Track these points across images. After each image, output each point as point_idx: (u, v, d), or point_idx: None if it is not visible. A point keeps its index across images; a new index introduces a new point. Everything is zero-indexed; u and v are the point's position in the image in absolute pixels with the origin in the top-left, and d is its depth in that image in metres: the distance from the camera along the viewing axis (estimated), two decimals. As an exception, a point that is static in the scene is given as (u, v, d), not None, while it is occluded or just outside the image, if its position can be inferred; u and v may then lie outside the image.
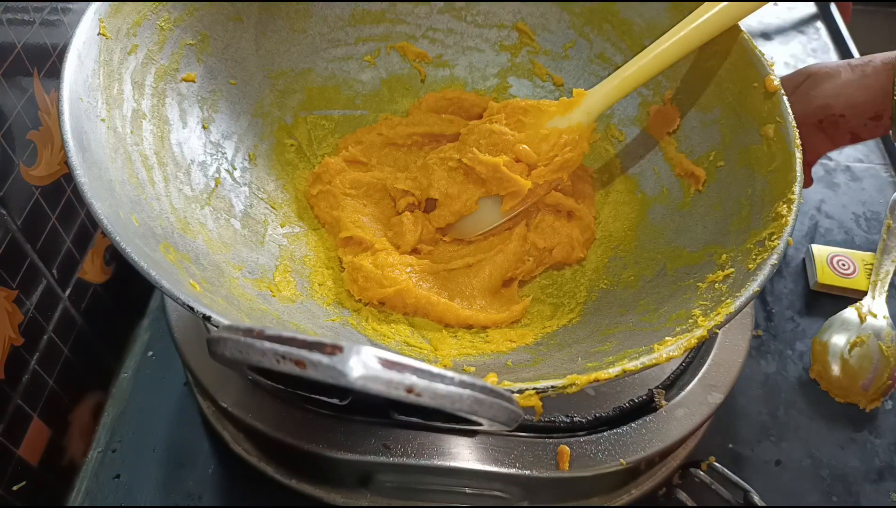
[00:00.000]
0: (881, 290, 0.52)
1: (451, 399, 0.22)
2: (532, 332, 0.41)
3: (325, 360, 0.21)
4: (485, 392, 0.23)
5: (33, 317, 0.43)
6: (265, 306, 0.37)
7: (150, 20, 0.40)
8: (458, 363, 0.37)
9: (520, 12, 0.51)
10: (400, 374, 0.21)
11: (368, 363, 0.21)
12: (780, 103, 0.38)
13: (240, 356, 0.22)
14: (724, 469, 0.42)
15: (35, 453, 0.44)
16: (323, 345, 0.21)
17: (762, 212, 0.36)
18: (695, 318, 0.32)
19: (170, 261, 0.33)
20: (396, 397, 0.21)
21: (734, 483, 0.41)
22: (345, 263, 0.43)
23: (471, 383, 0.23)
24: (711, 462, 0.42)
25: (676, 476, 0.42)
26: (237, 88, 0.46)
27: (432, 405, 0.22)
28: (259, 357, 0.22)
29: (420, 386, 0.22)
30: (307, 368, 0.21)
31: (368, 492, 0.40)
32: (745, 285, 0.32)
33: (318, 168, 0.47)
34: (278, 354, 0.22)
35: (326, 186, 0.46)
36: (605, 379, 0.28)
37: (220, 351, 0.23)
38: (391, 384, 0.21)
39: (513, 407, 0.25)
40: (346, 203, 0.46)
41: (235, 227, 0.42)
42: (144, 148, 0.38)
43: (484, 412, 0.23)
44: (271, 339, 0.22)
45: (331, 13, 0.49)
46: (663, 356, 0.29)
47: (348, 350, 0.21)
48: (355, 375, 0.21)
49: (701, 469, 0.42)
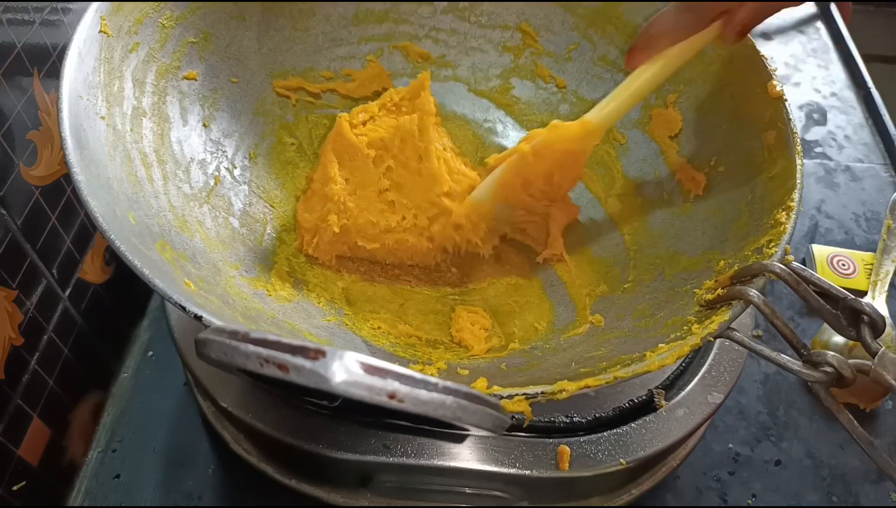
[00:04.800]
0: (881, 290, 0.52)
1: (433, 406, 0.22)
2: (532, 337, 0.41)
3: (307, 364, 0.21)
4: (469, 399, 0.23)
5: (33, 317, 0.43)
6: (261, 306, 0.37)
7: (152, 18, 0.40)
8: (452, 366, 0.37)
9: (523, 13, 0.51)
10: (382, 380, 0.21)
11: (351, 369, 0.21)
12: (781, 109, 0.38)
13: (225, 358, 0.22)
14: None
15: (35, 453, 0.44)
16: (306, 349, 0.21)
17: (761, 218, 0.36)
18: (689, 325, 0.32)
19: (165, 259, 0.33)
20: (379, 402, 0.21)
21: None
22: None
23: (455, 389, 0.23)
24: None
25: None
26: (239, 87, 0.46)
27: (415, 411, 0.22)
28: (243, 360, 0.22)
29: (402, 392, 0.21)
30: (290, 372, 0.21)
31: (368, 492, 0.40)
32: None
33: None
34: (262, 357, 0.22)
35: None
36: (596, 386, 0.28)
37: (206, 353, 0.23)
38: (373, 390, 0.21)
39: (498, 414, 0.24)
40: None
41: (234, 225, 0.42)
42: (144, 146, 0.38)
43: (468, 419, 0.23)
44: (255, 342, 0.22)
45: (334, 12, 0.49)
46: (655, 364, 0.29)
47: (331, 355, 0.21)
48: (337, 380, 0.21)
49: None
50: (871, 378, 0.27)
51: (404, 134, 0.42)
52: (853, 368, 0.27)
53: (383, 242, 0.43)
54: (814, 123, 0.70)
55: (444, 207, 0.42)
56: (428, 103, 0.43)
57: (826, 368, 0.28)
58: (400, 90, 0.45)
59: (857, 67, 0.74)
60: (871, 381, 0.27)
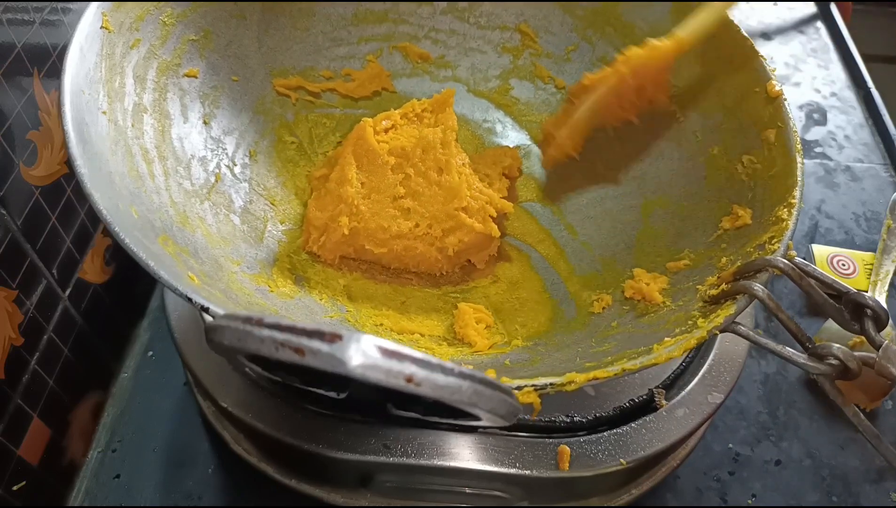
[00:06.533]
0: (881, 290, 0.52)
1: (450, 390, 0.22)
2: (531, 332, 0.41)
3: (324, 348, 0.21)
4: (485, 384, 0.23)
5: (33, 317, 0.43)
6: (263, 301, 0.37)
7: (153, 15, 0.40)
8: (455, 362, 0.37)
9: (523, 14, 0.51)
10: (400, 363, 0.21)
11: (368, 352, 0.21)
12: (781, 108, 0.38)
13: (238, 343, 0.22)
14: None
15: (35, 453, 0.43)
16: (322, 333, 0.21)
17: (762, 216, 0.36)
18: (694, 320, 0.32)
19: (168, 254, 0.33)
20: (395, 386, 0.21)
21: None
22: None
23: (470, 374, 0.23)
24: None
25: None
26: (239, 85, 0.46)
27: (432, 395, 0.22)
28: (258, 345, 0.22)
29: (420, 376, 0.21)
30: (306, 355, 0.21)
31: (368, 492, 0.40)
32: None
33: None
34: (277, 341, 0.21)
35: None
36: (604, 377, 0.28)
37: (218, 339, 0.23)
38: (391, 374, 0.21)
39: (512, 401, 0.24)
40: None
41: (235, 222, 0.42)
42: (145, 142, 0.38)
43: (483, 405, 0.23)
44: (270, 327, 0.22)
45: (334, 12, 0.49)
46: (662, 356, 0.29)
47: (348, 338, 0.21)
48: (354, 363, 0.20)
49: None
50: (876, 370, 0.27)
51: (426, 145, 0.43)
52: (858, 360, 0.27)
53: (391, 247, 0.43)
54: (814, 123, 0.70)
55: (461, 221, 0.42)
56: (451, 119, 0.44)
57: (831, 360, 0.28)
58: (423, 101, 0.46)
59: (857, 67, 0.74)
60: (875, 373, 0.27)
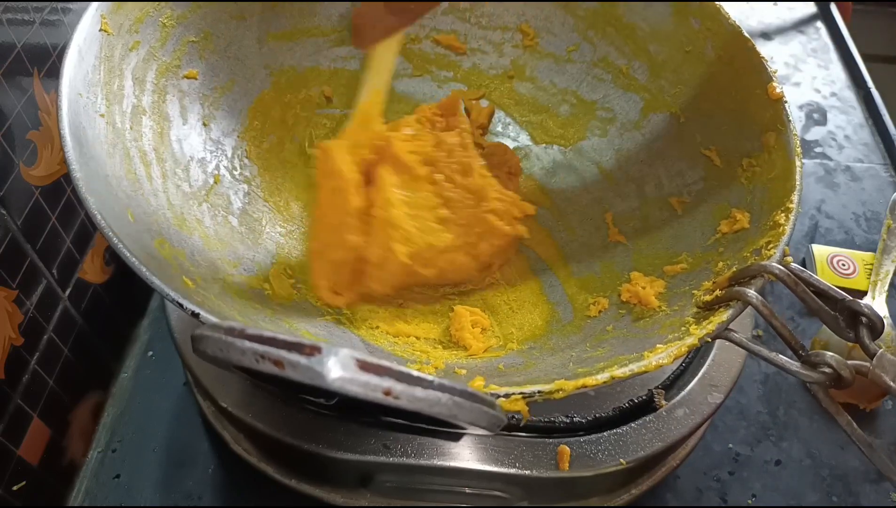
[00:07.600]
0: (881, 290, 0.52)
1: (429, 403, 0.22)
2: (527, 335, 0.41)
3: (303, 361, 0.21)
4: (464, 397, 0.23)
5: (33, 317, 0.43)
6: (259, 304, 0.37)
7: (153, 17, 0.40)
8: (449, 366, 0.37)
9: (524, 14, 0.51)
10: (378, 377, 0.21)
11: (346, 365, 0.21)
12: (781, 111, 0.38)
13: (221, 354, 0.22)
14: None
15: (35, 453, 0.44)
16: (301, 346, 0.21)
17: (760, 220, 0.36)
18: (687, 326, 0.32)
19: (164, 257, 0.33)
20: (374, 399, 0.21)
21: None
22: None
23: (450, 387, 0.23)
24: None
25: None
26: (239, 86, 0.46)
27: (410, 408, 0.22)
28: (239, 356, 0.22)
29: (397, 389, 0.22)
30: (286, 368, 0.21)
31: (368, 492, 0.40)
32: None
33: None
34: (258, 353, 0.22)
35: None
36: (593, 386, 0.28)
37: (203, 349, 0.23)
38: (368, 387, 0.21)
39: (494, 412, 0.24)
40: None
41: (233, 224, 0.42)
42: (143, 144, 0.38)
43: (464, 417, 0.23)
44: (251, 338, 0.22)
45: (334, 12, 0.49)
46: (652, 364, 0.29)
47: (326, 352, 0.21)
48: (333, 376, 0.21)
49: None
50: (870, 380, 0.27)
51: (449, 147, 0.42)
52: (852, 369, 0.27)
53: (438, 266, 0.41)
54: (814, 123, 0.70)
55: (491, 224, 0.41)
56: (464, 121, 0.44)
57: (824, 368, 0.27)
58: (431, 106, 0.45)
59: (857, 67, 0.74)
60: (869, 382, 0.27)
